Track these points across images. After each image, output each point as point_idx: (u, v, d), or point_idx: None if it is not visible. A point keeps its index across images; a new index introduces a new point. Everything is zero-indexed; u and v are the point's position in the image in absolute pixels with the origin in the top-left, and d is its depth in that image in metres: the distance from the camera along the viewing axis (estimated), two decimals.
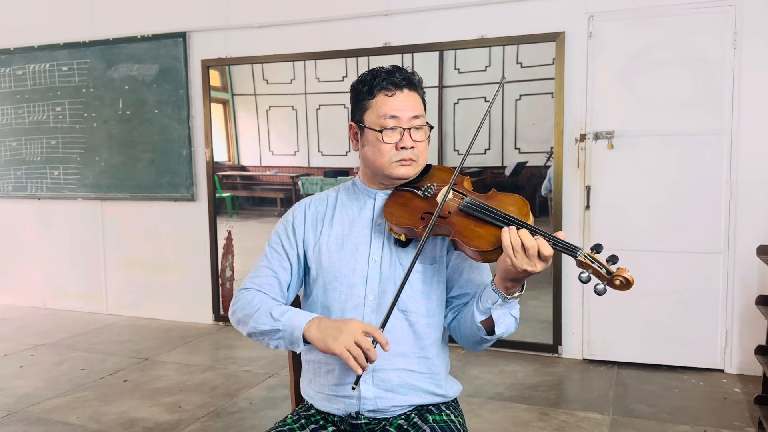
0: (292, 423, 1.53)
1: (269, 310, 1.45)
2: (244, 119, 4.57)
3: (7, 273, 5.38)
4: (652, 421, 2.92)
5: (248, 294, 1.52)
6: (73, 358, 3.98)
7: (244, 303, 1.50)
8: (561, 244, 1.30)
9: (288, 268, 1.57)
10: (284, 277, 1.56)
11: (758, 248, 3.12)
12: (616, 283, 1.25)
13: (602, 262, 1.27)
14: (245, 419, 3.03)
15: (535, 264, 1.28)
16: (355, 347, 1.31)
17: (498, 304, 1.39)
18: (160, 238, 4.81)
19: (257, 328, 1.45)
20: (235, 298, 1.54)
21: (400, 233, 1.47)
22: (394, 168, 1.49)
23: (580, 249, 1.28)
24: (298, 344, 1.40)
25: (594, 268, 1.26)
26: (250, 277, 1.57)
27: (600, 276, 1.26)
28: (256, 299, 1.49)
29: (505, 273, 1.33)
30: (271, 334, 1.43)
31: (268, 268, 1.56)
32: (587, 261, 1.27)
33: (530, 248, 1.27)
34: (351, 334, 1.32)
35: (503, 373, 3.56)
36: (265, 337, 1.45)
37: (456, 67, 3.93)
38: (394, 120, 1.47)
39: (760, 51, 3.33)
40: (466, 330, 1.48)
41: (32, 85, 5.08)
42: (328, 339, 1.34)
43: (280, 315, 1.43)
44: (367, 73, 1.53)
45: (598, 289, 1.26)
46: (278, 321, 1.42)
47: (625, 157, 3.58)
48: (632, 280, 1.24)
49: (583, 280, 1.28)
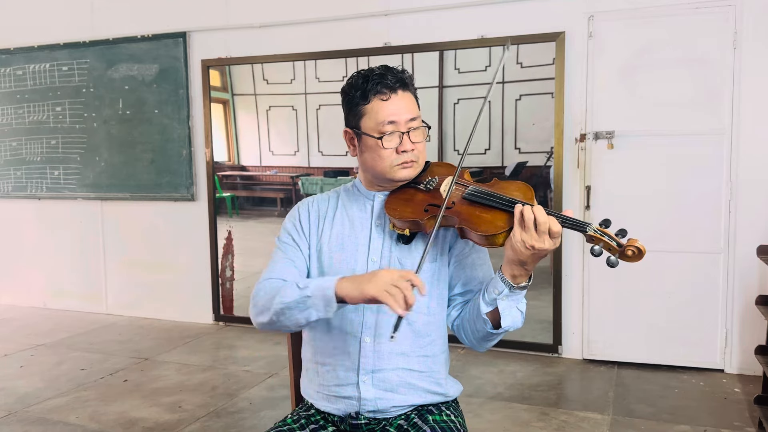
0: (292, 423, 1.53)
1: (294, 283, 1.41)
2: (244, 119, 4.57)
3: (7, 273, 5.38)
4: (652, 421, 2.92)
5: (268, 283, 1.48)
6: (73, 358, 3.98)
7: (264, 291, 1.46)
8: (570, 221, 1.30)
9: (302, 259, 1.55)
10: (301, 266, 1.54)
11: (758, 248, 3.12)
12: (628, 254, 1.26)
13: (612, 235, 1.28)
14: (245, 419, 3.03)
15: (544, 240, 1.28)
16: (393, 287, 1.27)
17: (504, 294, 1.38)
18: (160, 238, 4.81)
19: (284, 302, 1.39)
20: (254, 292, 1.49)
21: (404, 228, 1.47)
22: (396, 171, 1.49)
23: (590, 224, 1.29)
24: (331, 304, 1.34)
25: (605, 242, 1.27)
26: (266, 272, 1.53)
27: (611, 249, 1.27)
28: (277, 284, 1.46)
29: (513, 254, 1.33)
30: (300, 304, 1.37)
31: (284, 259, 1.54)
32: (597, 235, 1.28)
33: (542, 224, 1.28)
34: (388, 277, 1.29)
35: (503, 373, 3.56)
36: (293, 310, 1.38)
37: (456, 67, 3.93)
38: (392, 125, 1.46)
39: (760, 51, 3.33)
40: (471, 326, 1.47)
41: (32, 85, 5.08)
42: (363, 284, 1.30)
43: (306, 284, 1.38)
44: (357, 76, 1.50)
45: (611, 261, 1.27)
46: (306, 288, 1.37)
47: (625, 157, 3.58)
48: (644, 249, 1.24)
49: (596, 253, 1.28)
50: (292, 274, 1.51)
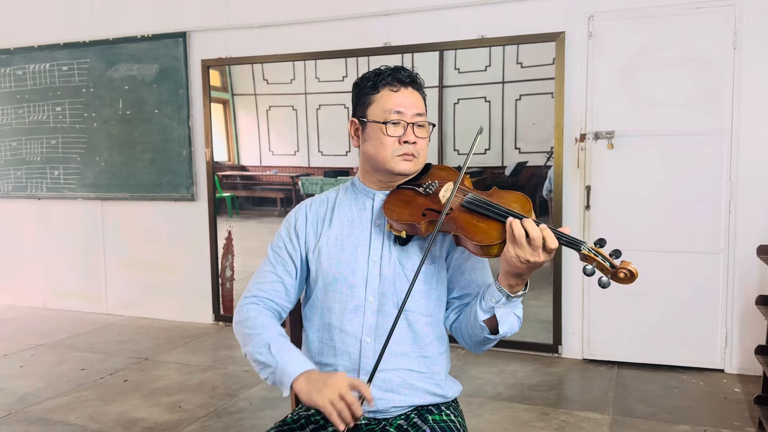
0: (292, 423, 1.53)
1: (269, 342, 1.43)
2: (244, 119, 4.57)
3: (7, 273, 5.38)
4: (652, 421, 2.92)
5: (252, 310, 1.51)
6: (73, 358, 3.99)
7: (247, 320, 1.50)
8: (565, 238, 1.31)
9: (293, 272, 1.57)
10: (289, 282, 1.56)
11: (758, 248, 3.11)
12: (620, 276, 1.26)
13: (606, 255, 1.28)
14: (245, 419, 3.03)
15: (539, 255, 1.28)
16: (339, 401, 1.30)
17: (501, 302, 1.38)
18: (160, 238, 4.81)
19: (253, 355, 1.45)
20: (239, 307, 1.53)
21: (401, 230, 1.47)
22: (396, 162, 1.49)
23: (584, 243, 1.29)
24: (284, 389, 1.39)
25: (598, 261, 1.27)
26: (254, 282, 1.56)
27: (604, 269, 1.27)
28: (258, 319, 1.49)
29: (508, 267, 1.33)
30: (264, 366, 1.43)
31: (273, 274, 1.56)
32: (591, 254, 1.28)
33: (535, 239, 1.28)
34: (336, 387, 1.31)
35: (503, 373, 3.56)
36: (258, 365, 1.45)
37: (456, 67, 3.94)
38: (398, 115, 1.48)
39: (761, 51, 3.33)
40: (468, 330, 1.48)
41: (32, 85, 5.08)
42: (313, 392, 1.33)
43: (277, 352, 1.41)
44: (370, 71, 1.55)
45: (602, 282, 1.27)
46: (274, 359, 1.41)
47: (625, 157, 3.58)
48: (636, 272, 1.25)
49: (588, 273, 1.28)
50: (278, 292, 1.55)
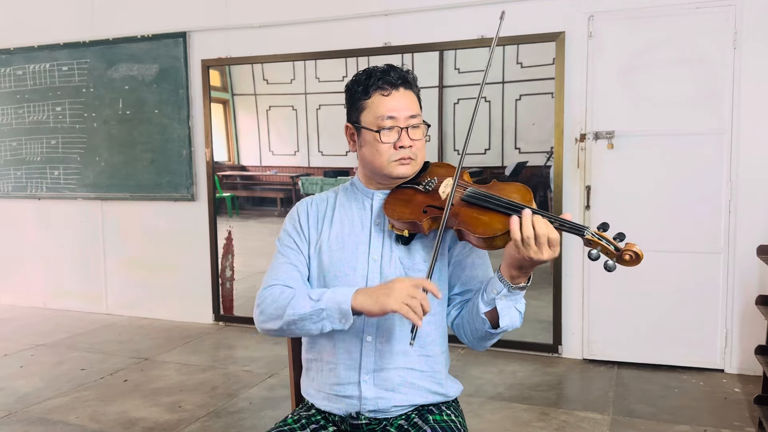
0: (293, 423, 1.52)
1: (306, 294, 1.42)
2: (244, 119, 4.57)
3: (7, 273, 5.38)
4: (652, 421, 2.92)
5: (275, 290, 1.48)
6: (73, 358, 3.98)
7: (272, 299, 1.46)
8: (567, 225, 1.29)
9: (304, 261, 1.55)
10: (303, 270, 1.54)
11: (758, 248, 3.12)
12: (625, 258, 1.24)
13: (610, 239, 1.27)
14: (245, 419, 3.03)
15: (543, 252, 1.28)
16: (411, 299, 1.30)
17: (503, 294, 1.38)
18: (160, 238, 4.81)
19: (296, 313, 1.40)
20: (259, 299, 1.49)
21: (403, 229, 1.46)
22: (394, 167, 1.49)
23: (588, 228, 1.28)
24: (347, 318, 1.36)
25: (602, 245, 1.26)
26: (269, 276, 1.53)
27: (609, 253, 1.26)
28: (285, 292, 1.46)
29: (511, 260, 1.33)
30: (313, 316, 1.39)
31: (287, 264, 1.53)
32: (595, 239, 1.27)
33: (541, 236, 1.27)
34: (403, 289, 1.31)
35: (503, 373, 3.56)
36: (306, 322, 1.40)
37: (456, 67, 3.94)
38: (391, 120, 1.47)
39: (761, 51, 3.33)
40: (470, 325, 1.48)
41: (32, 85, 5.08)
42: (381, 297, 1.32)
43: (319, 296, 1.39)
44: (361, 73, 1.53)
45: (608, 265, 1.25)
46: (319, 301, 1.38)
47: (625, 157, 3.58)
48: (641, 254, 1.23)
49: (593, 257, 1.27)
50: (296, 279, 1.51)
